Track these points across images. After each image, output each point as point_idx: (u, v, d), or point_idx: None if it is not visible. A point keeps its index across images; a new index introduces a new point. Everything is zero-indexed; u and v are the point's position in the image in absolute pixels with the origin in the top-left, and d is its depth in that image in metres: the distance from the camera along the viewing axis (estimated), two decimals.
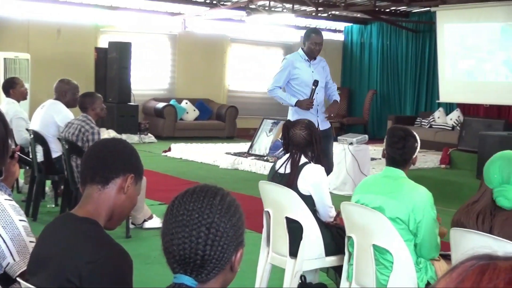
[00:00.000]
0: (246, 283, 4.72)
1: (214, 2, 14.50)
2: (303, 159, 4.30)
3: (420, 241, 3.62)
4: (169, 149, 12.43)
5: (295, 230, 4.19)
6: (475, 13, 12.08)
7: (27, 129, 7.08)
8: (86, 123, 6.12)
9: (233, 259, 1.76)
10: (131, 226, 6.42)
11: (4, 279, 2.49)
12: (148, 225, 6.61)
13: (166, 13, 15.42)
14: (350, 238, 3.88)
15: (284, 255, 4.32)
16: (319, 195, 4.26)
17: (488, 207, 3.15)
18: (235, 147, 12.76)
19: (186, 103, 15.06)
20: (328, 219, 4.35)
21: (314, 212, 4.25)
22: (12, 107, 7.43)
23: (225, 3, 14.43)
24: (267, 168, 9.38)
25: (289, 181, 4.24)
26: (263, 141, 11.68)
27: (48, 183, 7.46)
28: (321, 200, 4.28)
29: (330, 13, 15.11)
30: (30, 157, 6.84)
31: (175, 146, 12.52)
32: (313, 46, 6.69)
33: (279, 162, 4.43)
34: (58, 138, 6.63)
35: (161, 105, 14.55)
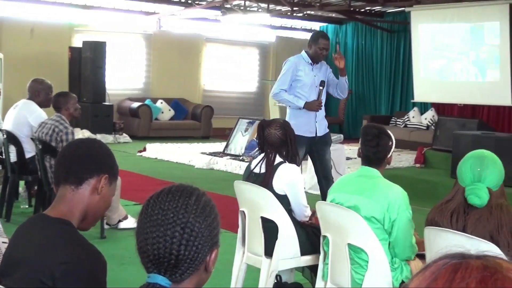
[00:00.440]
0: (221, 283, 4.72)
1: (189, 1, 14.45)
2: (278, 159, 4.30)
3: (393, 240, 3.63)
4: (144, 149, 12.37)
5: (270, 229, 4.19)
6: (449, 14, 12.17)
7: (0, 129, 7.01)
8: (60, 123, 6.08)
9: (207, 259, 1.75)
10: (106, 226, 6.39)
11: None
12: (123, 225, 6.58)
13: (141, 12, 15.35)
14: (325, 237, 3.89)
15: (259, 254, 4.32)
16: (294, 194, 4.26)
17: (461, 206, 3.18)
18: (211, 147, 12.74)
19: (161, 103, 15.00)
20: (303, 219, 4.35)
21: (289, 211, 4.25)
22: None
23: (200, 3, 14.39)
24: (243, 167, 9.37)
25: (264, 180, 4.24)
26: (239, 141, 11.67)
27: (21, 183, 7.39)
28: (296, 199, 4.28)
29: (305, 13, 15.15)
30: (3, 157, 6.77)
31: (150, 146, 12.47)
32: (320, 50, 6.58)
33: (254, 161, 4.43)
34: (31, 138, 6.57)
35: (136, 104, 14.48)
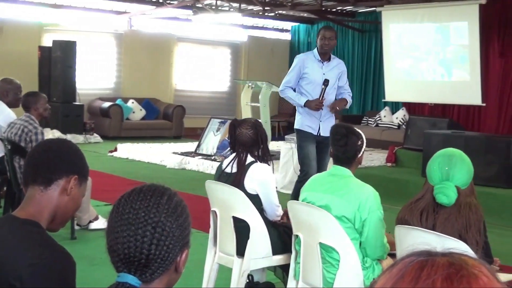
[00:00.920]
0: (193, 282, 4.71)
1: (160, 0, 14.41)
2: (250, 158, 4.30)
3: (364, 239, 3.65)
4: (115, 149, 12.31)
5: (242, 229, 4.19)
6: (419, 14, 12.26)
7: None
8: (29, 123, 6.02)
9: (178, 260, 1.74)
10: (77, 227, 6.36)
11: None
12: (93, 226, 6.55)
13: (111, 11, 15.26)
14: (297, 236, 3.90)
15: (231, 254, 4.32)
16: (266, 194, 4.26)
17: (431, 205, 3.20)
18: (182, 146, 12.71)
19: (132, 103, 14.93)
20: (275, 218, 4.36)
21: (261, 211, 4.25)
22: None
23: (171, 2, 14.35)
24: (215, 167, 9.35)
25: (236, 180, 4.23)
26: (211, 141, 11.66)
27: None
28: (268, 199, 4.28)
29: (277, 12, 15.18)
30: None
31: (122, 146, 12.41)
32: (322, 41, 6.49)
33: (226, 161, 4.42)
34: (0, 138, 6.50)
35: (107, 104, 14.39)
